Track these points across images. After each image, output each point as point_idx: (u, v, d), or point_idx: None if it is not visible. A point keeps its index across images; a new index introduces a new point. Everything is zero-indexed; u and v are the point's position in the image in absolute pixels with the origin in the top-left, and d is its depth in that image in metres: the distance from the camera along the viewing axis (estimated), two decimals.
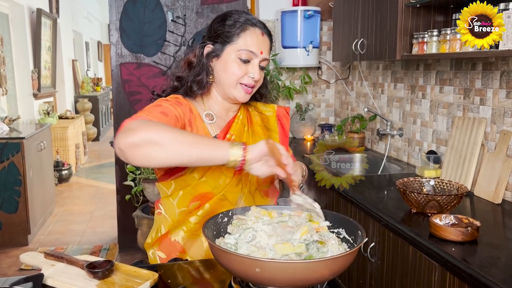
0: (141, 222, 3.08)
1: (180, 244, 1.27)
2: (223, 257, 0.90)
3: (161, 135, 0.96)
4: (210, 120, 1.28)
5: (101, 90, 8.99)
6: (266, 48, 1.26)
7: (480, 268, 1.24)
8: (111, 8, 3.12)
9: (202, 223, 1.22)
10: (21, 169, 3.50)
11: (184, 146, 0.97)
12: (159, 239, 1.32)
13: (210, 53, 1.26)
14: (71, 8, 7.64)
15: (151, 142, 0.95)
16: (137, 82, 3.20)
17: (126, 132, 0.97)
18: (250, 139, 1.32)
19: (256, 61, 1.24)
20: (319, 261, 0.84)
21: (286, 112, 1.45)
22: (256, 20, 1.26)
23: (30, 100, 5.20)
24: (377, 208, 1.79)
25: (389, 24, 2.26)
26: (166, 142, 0.96)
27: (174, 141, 0.97)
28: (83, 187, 5.35)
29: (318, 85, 3.64)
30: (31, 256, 1.11)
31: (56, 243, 3.63)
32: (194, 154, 0.98)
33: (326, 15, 3.48)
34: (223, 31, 1.24)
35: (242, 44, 1.22)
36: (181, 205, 1.26)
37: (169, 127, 1.02)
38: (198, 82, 1.26)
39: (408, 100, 2.60)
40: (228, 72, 1.24)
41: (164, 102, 1.18)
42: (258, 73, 1.25)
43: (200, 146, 0.98)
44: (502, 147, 1.85)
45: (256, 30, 1.24)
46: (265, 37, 1.26)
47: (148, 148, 0.96)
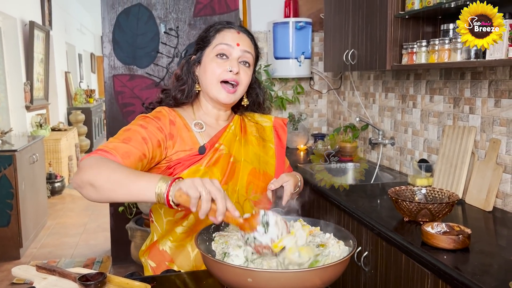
0: (134, 234, 3.06)
1: (168, 253, 1.28)
2: (216, 267, 0.90)
3: (97, 177, 1.00)
4: (199, 129, 1.28)
5: (94, 102, 8.96)
6: (244, 42, 1.27)
7: (472, 276, 1.24)
8: (104, 20, 3.14)
9: (188, 233, 1.24)
10: (13, 182, 3.48)
11: (115, 186, 0.98)
12: (149, 248, 1.33)
13: (191, 61, 1.30)
14: (64, 20, 7.66)
15: (89, 184, 1.00)
16: (130, 94, 3.21)
17: (77, 172, 1.05)
18: (242, 149, 1.32)
19: (235, 54, 1.25)
20: (310, 271, 0.85)
21: (283, 123, 1.44)
22: (234, 24, 1.30)
23: (22, 112, 5.18)
24: (370, 217, 1.80)
25: (379, 35, 2.30)
26: (100, 184, 0.99)
27: (107, 183, 0.99)
28: (76, 200, 5.31)
29: (311, 95, 3.67)
30: (23, 269, 1.10)
31: (49, 256, 3.60)
32: (123, 193, 0.99)
33: (317, 26, 3.52)
34: (201, 38, 1.30)
35: (218, 41, 1.25)
36: (168, 215, 1.27)
37: (109, 165, 1.02)
38: (182, 90, 1.28)
39: (399, 110, 2.63)
40: (207, 73, 1.25)
41: (137, 124, 1.19)
42: (237, 66, 1.24)
43: (130, 184, 0.98)
44: (492, 155, 1.88)
45: (231, 30, 1.28)
46: (243, 35, 1.28)
47: (87, 189, 1.01)
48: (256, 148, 1.35)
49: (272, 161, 1.36)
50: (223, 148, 1.27)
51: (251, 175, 1.29)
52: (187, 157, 1.21)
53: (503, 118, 1.85)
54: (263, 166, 1.33)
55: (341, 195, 2.13)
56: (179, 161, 1.21)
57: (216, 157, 1.25)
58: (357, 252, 1.86)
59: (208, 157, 1.24)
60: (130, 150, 1.11)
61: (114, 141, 1.13)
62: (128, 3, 3.14)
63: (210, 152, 1.25)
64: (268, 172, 1.33)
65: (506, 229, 1.69)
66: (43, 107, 6.00)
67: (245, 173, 1.28)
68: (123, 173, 1.00)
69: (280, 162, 1.38)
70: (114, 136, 1.16)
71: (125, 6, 3.14)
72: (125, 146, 1.11)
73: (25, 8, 5.36)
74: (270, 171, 1.34)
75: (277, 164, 1.37)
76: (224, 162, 1.26)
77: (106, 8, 3.13)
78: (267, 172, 1.33)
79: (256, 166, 1.31)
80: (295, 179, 1.31)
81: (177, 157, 1.21)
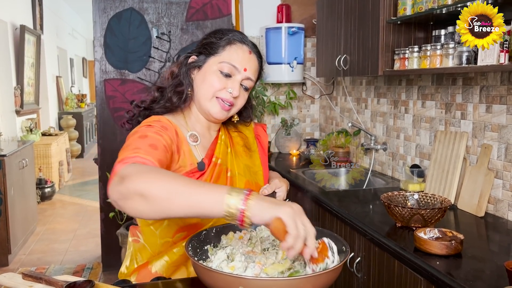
0: (125, 240, 3.02)
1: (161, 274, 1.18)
2: (207, 275, 0.88)
3: (151, 185, 0.84)
4: (194, 142, 1.19)
5: (86, 107, 8.91)
6: (252, 67, 1.19)
7: (465, 282, 1.24)
8: (96, 24, 3.12)
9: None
10: (2, 187, 3.43)
11: (172, 198, 0.83)
12: (136, 270, 1.22)
13: (192, 63, 1.20)
14: (55, 25, 7.61)
15: (138, 194, 0.84)
16: (121, 98, 3.18)
17: (117, 181, 0.88)
18: (234, 161, 1.26)
19: (239, 77, 1.17)
20: (303, 278, 0.83)
21: (263, 129, 1.40)
22: (247, 39, 1.21)
23: (12, 117, 5.13)
24: (363, 222, 1.79)
25: (371, 41, 2.30)
26: (154, 193, 0.83)
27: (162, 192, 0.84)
28: (66, 205, 5.25)
29: (303, 101, 3.67)
30: (9, 277, 1.07)
31: (38, 263, 3.54)
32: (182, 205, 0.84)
33: (310, 31, 3.53)
34: (209, 42, 1.19)
35: (226, 57, 1.16)
36: (165, 236, 1.17)
37: (161, 172, 0.89)
38: (179, 93, 1.19)
39: (391, 115, 2.64)
40: (205, 83, 1.17)
41: (149, 131, 1.06)
42: (238, 90, 1.17)
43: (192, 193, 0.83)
44: (484, 161, 1.88)
45: (243, 47, 1.18)
46: (253, 56, 1.19)
47: (135, 201, 0.84)
48: (245, 159, 1.30)
49: (260, 171, 1.32)
50: (220, 162, 1.20)
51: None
52: (188, 175, 1.13)
53: (495, 124, 1.86)
54: (254, 177, 1.29)
55: (333, 201, 2.12)
56: None
57: (216, 172, 1.19)
58: (349, 258, 1.85)
59: (209, 174, 1.17)
60: (161, 159, 0.99)
61: (142, 148, 0.98)
62: (120, 7, 3.13)
63: (210, 167, 1.18)
64: (259, 182, 1.29)
65: (498, 234, 1.69)
66: (33, 112, 5.95)
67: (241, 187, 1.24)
68: (182, 182, 0.85)
69: (266, 170, 1.34)
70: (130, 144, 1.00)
71: (117, 10, 3.13)
72: (156, 153, 0.99)
73: (16, 12, 5.32)
74: (260, 181, 1.30)
75: (264, 172, 1.33)
76: (223, 176, 1.20)
77: (98, 12, 3.11)
78: (258, 183, 1.28)
79: (248, 178, 1.27)
80: (286, 185, 1.28)
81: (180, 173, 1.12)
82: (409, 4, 2.07)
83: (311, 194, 2.29)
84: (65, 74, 8.69)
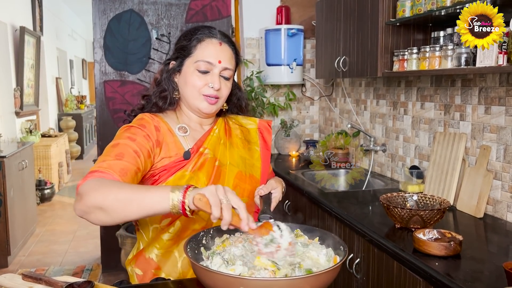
0: (124, 241, 3.02)
1: (154, 261, 1.26)
2: (207, 276, 0.89)
3: (105, 198, 0.96)
4: (183, 133, 1.26)
5: (85, 108, 8.91)
6: (226, 57, 1.25)
7: (464, 283, 1.24)
8: (95, 26, 3.12)
9: (175, 240, 1.23)
10: (1, 189, 3.43)
11: (126, 204, 0.95)
12: (135, 256, 1.31)
13: (172, 69, 1.27)
14: (55, 26, 7.62)
15: (97, 208, 0.96)
16: (121, 100, 3.19)
17: (78, 199, 1.00)
18: (227, 152, 1.31)
19: (216, 70, 1.23)
20: (301, 278, 0.84)
21: (268, 125, 1.44)
22: (215, 31, 1.27)
23: (12, 118, 5.13)
24: (362, 223, 1.80)
25: (370, 42, 2.31)
26: (108, 205, 0.95)
27: (116, 202, 0.95)
28: (66, 206, 5.25)
29: (302, 102, 3.67)
30: (9, 278, 1.08)
31: (38, 264, 3.54)
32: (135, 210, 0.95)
33: (309, 33, 3.53)
34: (182, 46, 1.26)
35: (199, 56, 1.23)
36: (153, 222, 1.25)
37: (113, 184, 0.99)
38: (164, 98, 1.27)
39: (391, 116, 2.64)
40: (188, 85, 1.24)
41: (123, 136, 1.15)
42: (218, 83, 1.23)
43: (140, 199, 0.95)
44: (483, 162, 1.89)
45: (213, 40, 1.24)
46: (224, 46, 1.26)
47: (95, 214, 0.97)
48: (242, 151, 1.34)
49: (258, 164, 1.36)
50: (207, 152, 1.26)
51: (238, 179, 1.28)
52: (172, 164, 1.20)
53: (493, 125, 1.86)
54: (249, 169, 1.33)
55: (333, 202, 2.13)
56: (165, 168, 1.20)
57: (201, 161, 1.24)
58: (349, 259, 1.86)
59: (193, 162, 1.23)
60: (126, 166, 1.08)
61: (106, 160, 1.08)
62: (120, 9, 3.13)
63: (195, 156, 1.24)
64: (254, 175, 1.33)
65: (496, 235, 1.69)
66: (33, 113, 5.95)
67: (231, 177, 1.28)
68: (130, 190, 0.97)
69: (265, 164, 1.37)
70: (103, 154, 1.12)
71: (116, 12, 3.13)
72: (120, 163, 1.07)
73: (16, 13, 5.33)
74: (256, 174, 1.34)
75: (263, 166, 1.36)
76: (210, 166, 1.25)
77: (98, 14, 3.11)
78: (253, 175, 1.33)
79: (242, 169, 1.31)
80: (282, 186, 1.33)
81: (162, 164, 1.20)
82: (408, 6, 2.08)
83: (310, 195, 2.29)
84: (65, 76, 8.69)
